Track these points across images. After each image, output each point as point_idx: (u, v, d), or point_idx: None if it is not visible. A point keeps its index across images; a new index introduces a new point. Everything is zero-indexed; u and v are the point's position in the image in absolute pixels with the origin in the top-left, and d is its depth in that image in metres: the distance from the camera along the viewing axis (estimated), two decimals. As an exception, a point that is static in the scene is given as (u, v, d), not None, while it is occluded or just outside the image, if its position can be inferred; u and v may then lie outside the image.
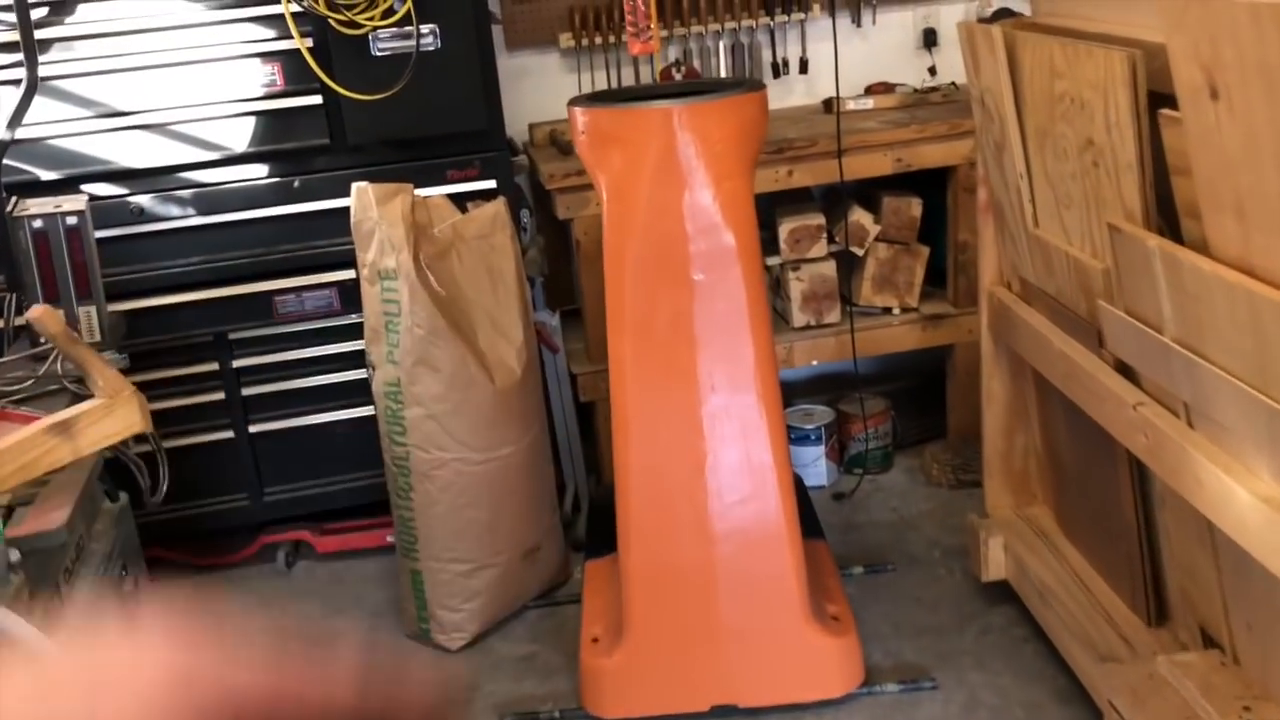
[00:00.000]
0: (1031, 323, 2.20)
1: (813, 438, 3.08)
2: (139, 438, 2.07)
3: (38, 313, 1.70)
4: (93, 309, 2.19)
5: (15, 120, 2.14)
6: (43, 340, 2.14)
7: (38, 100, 2.27)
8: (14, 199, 2.19)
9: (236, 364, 2.76)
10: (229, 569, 2.94)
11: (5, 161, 2.21)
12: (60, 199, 2.19)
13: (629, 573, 2.18)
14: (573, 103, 2.09)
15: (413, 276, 2.33)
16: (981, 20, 3.05)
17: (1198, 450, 1.62)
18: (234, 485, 2.86)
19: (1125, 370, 1.88)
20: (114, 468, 1.96)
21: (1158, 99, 1.67)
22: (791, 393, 3.39)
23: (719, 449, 2.10)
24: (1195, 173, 1.53)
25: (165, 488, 2.16)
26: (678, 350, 2.06)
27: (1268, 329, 1.40)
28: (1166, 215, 1.72)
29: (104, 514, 1.84)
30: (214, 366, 2.75)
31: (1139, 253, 1.68)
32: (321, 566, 2.94)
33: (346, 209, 2.42)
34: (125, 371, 2.15)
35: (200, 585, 2.89)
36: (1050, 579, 2.29)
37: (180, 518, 2.83)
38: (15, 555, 1.37)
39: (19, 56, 2.20)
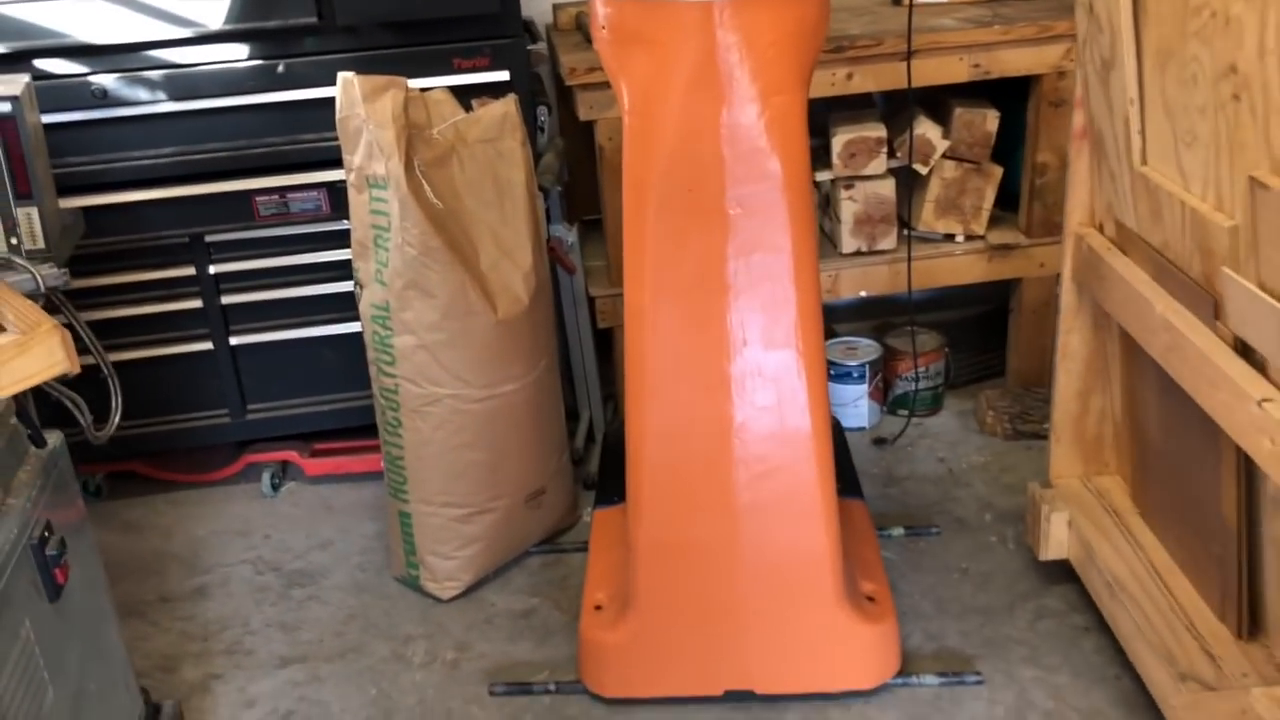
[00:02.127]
0: (1127, 277, 1.85)
1: (855, 375, 2.77)
2: (88, 371, 1.81)
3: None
4: (34, 210, 1.90)
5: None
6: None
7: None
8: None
9: (214, 270, 2.47)
10: (209, 487, 2.71)
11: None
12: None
13: (639, 543, 1.91)
14: (595, -13, 1.73)
15: (404, 186, 2.01)
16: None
17: (1343, 471, 1.30)
18: (214, 400, 2.61)
19: (1247, 353, 1.55)
20: (44, 406, 1.70)
21: (1333, 20, 1.30)
22: (834, 320, 3.07)
23: (749, 412, 1.80)
24: (1390, 126, 1.17)
25: (115, 422, 1.90)
26: (707, 296, 1.74)
27: None
28: (1326, 170, 1.37)
29: (27, 465, 1.58)
30: (190, 271, 2.46)
31: (1291, 218, 1.33)
32: (309, 490, 2.70)
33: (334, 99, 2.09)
34: (72, 287, 1.87)
35: (176, 504, 2.66)
36: (1121, 569, 1.99)
37: (157, 433, 2.60)
38: None
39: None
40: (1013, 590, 2.23)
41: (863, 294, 2.71)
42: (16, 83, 1.89)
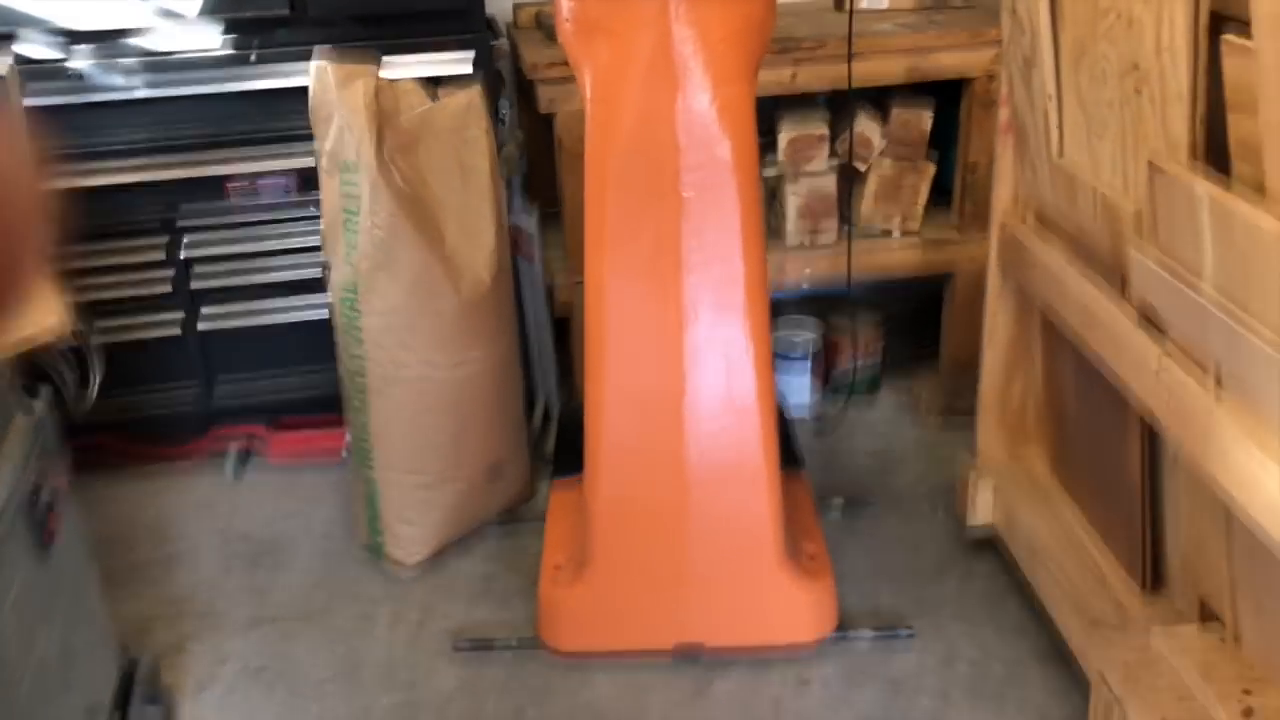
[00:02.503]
0: (1046, 259, 2.02)
1: (798, 359, 2.92)
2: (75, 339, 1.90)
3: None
4: (18, 187, 1.98)
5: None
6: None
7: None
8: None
9: (185, 253, 2.56)
10: (175, 461, 2.78)
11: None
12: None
13: (595, 503, 2.04)
14: (558, -17, 1.86)
15: (374, 170, 2.12)
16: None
17: (1227, 419, 1.47)
18: (182, 379, 2.69)
19: (1149, 323, 1.71)
20: (33, 370, 1.78)
21: (1218, 23, 1.47)
22: (779, 309, 3.21)
23: (700, 380, 1.93)
24: (1262, 112, 1.34)
25: (96, 388, 1.99)
26: (661, 272, 1.88)
27: (1330, 299, 1.23)
28: (1214, 155, 1.54)
29: (18, 423, 1.67)
30: (160, 255, 2.55)
31: (1180, 195, 1.50)
32: (272, 471, 2.79)
33: (307, 88, 2.20)
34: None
35: (143, 479, 2.74)
36: (1042, 532, 2.16)
37: (125, 412, 2.67)
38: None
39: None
40: (943, 556, 2.38)
41: (805, 283, 2.86)
42: (2, 64, 1.97)
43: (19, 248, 0.33)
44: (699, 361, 1.92)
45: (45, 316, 1.58)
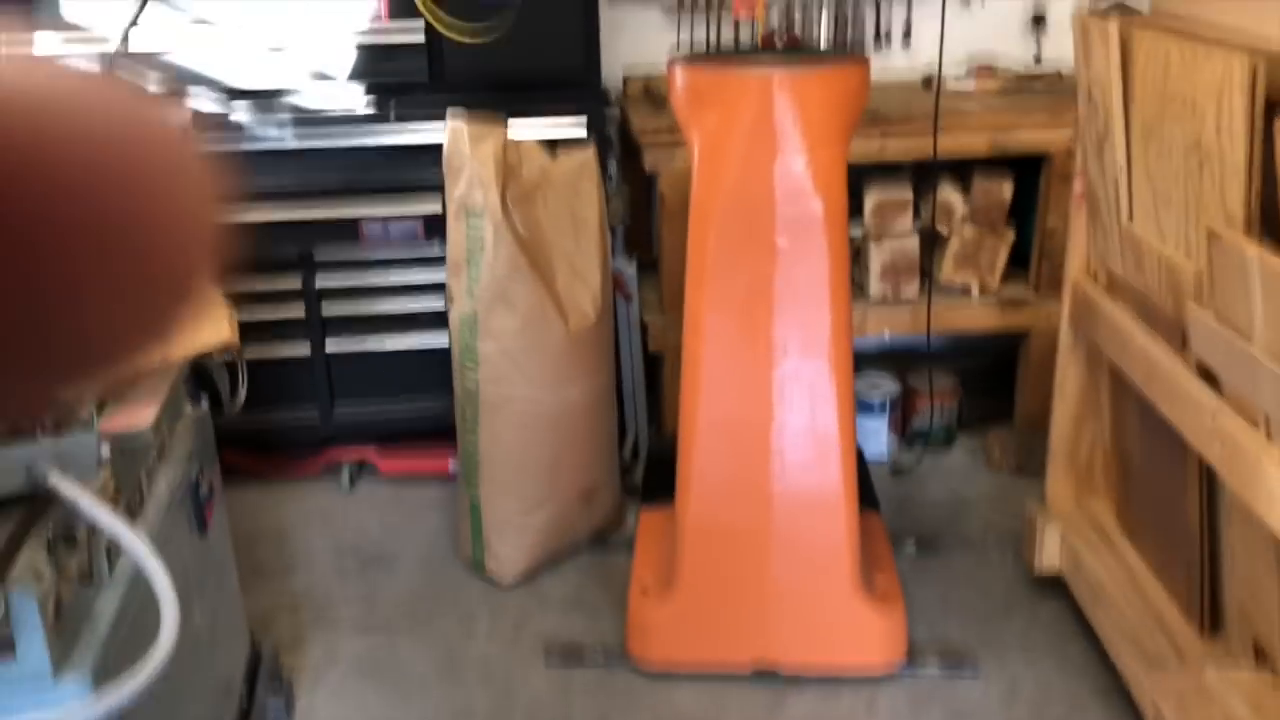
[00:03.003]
0: (1114, 317, 2.17)
1: (877, 409, 3.08)
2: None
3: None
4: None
5: (127, 31, 2.19)
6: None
7: (153, 13, 2.31)
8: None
9: (319, 284, 2.82)
10: (295, 481, 3.02)
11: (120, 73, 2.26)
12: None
13: (685, 526, 2.21)
14: (672, 61, 2.09)
15: (498, 215, 2.35)
16: (1094, 12, 2.99)
17: (1275, 464, 1.60)
18: (306, 400, 2.93)
19: (1207, 377, 1.85)
20: (197, 375, 2.03)
21: (1272, 108, 1.63)
22: (860, 363, 3.38)
23: (786, 413, 2.11)
24: (1305, 185, 1.49)
25: (243, 397, 2.23)
26: (755, 312, 2.07)
27: (1362, 352, 1.37)
28: (1269, 225, 1.69)
29: (185, 419, 1.91)
30: (297, 285, 2.81)
31: (1235, 261, 1.65)
32: (383, 487, 3.02)
33: (439, 143, 2.45)
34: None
35: (265, 490, 2.98)
36: (1105, 576, 2.28)
37: (252, 427, 2.91)
38: (106, 450, 1.43)
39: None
40: (1010, 598, 2.51)
41: (886, 334, 3.03)
42: (185, 108, 2.25)
43: (200, 257, 0.39)
44: (785, 396, 2.10)
45: (218, 329, 1.82)
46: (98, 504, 1.31)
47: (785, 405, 2.11)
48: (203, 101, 2.59)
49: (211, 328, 1.81)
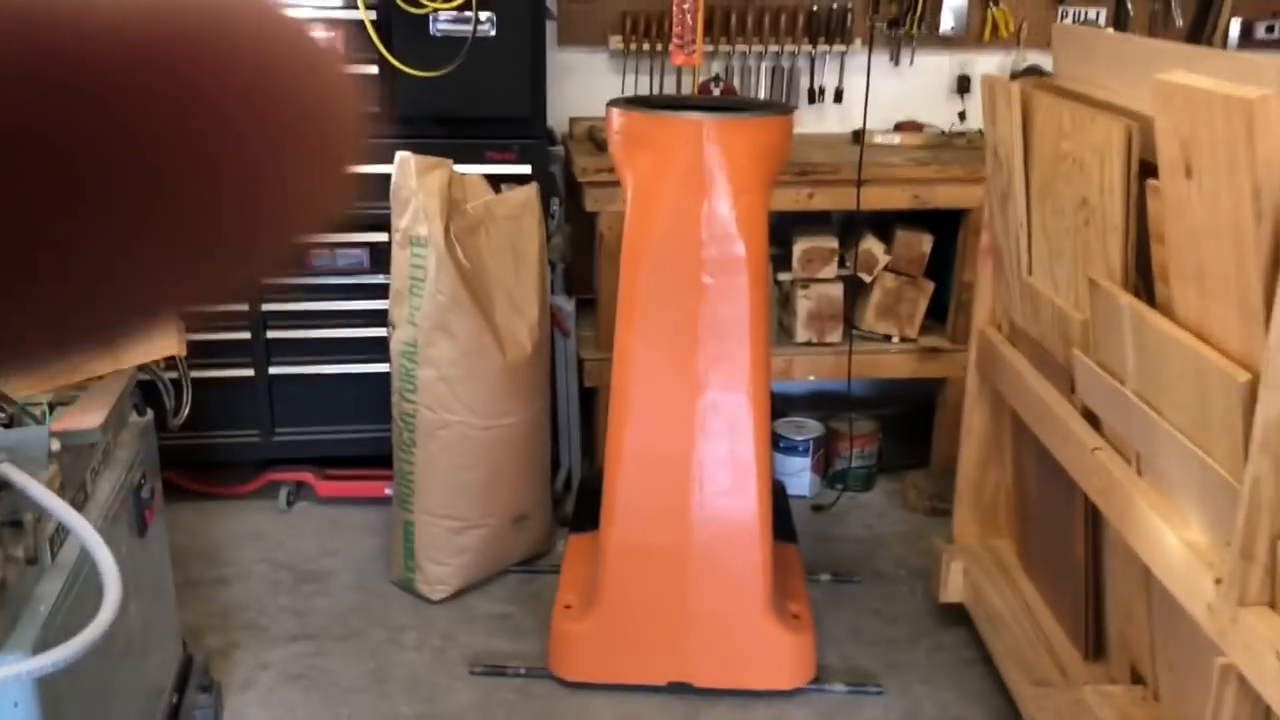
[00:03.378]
0: (1014, 363, 2.33)
1: (800, 449, 3.22)
2: (169, 364, 2.23)
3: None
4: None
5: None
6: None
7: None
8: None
9: (265, 307, 2.91)
10: (233, 499, 3.09)
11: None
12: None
13: (607, 547, 2.32)
14: (611, 104, 2.23)
15: (441, 246, 2.47)
16: (1014, 74, 3.19)
17: (1141, 496, 1.75)
18: (248, 422, 3.01)
19: (1091, 417, 2.01)
20: (143, 387, 2.11)
21: (1149, 169, 1.80)
22: (787, 406, 3.53)
23: (706, 442, 2.24)
24: (1167, 241, 1.66)
25: (186, 412, 2.31)
26: (680, 345, 2.20)
27: (1211, 392, 1.53)
28: (1145, 277, 1.86)
29: (131, 426, 1.99)
30: (243, 307, 2.90)
31: (1112, 308, 1.81)
32: (319, 509, 3.09)
33: (387, 175, 2.57)
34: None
35: (200, 508, 3.04)
36: (1002, 606, 2.42)
37: (194, 445, 2.98)
38: (56, 445, 1.51)
39: None
40: (916, 628, 2.64)
41: (811, 378, 3.17)
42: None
43: (352, 141, 0.38)
44: (707, 426, 2.23)
45: (167, 341, 1.91)
46: (46, 491, 1.40)
47: (706, 435, 2.24)
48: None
49: (161, 340, 1.90)
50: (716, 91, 3.24)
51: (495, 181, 2.70)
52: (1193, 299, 1.61)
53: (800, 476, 3.23)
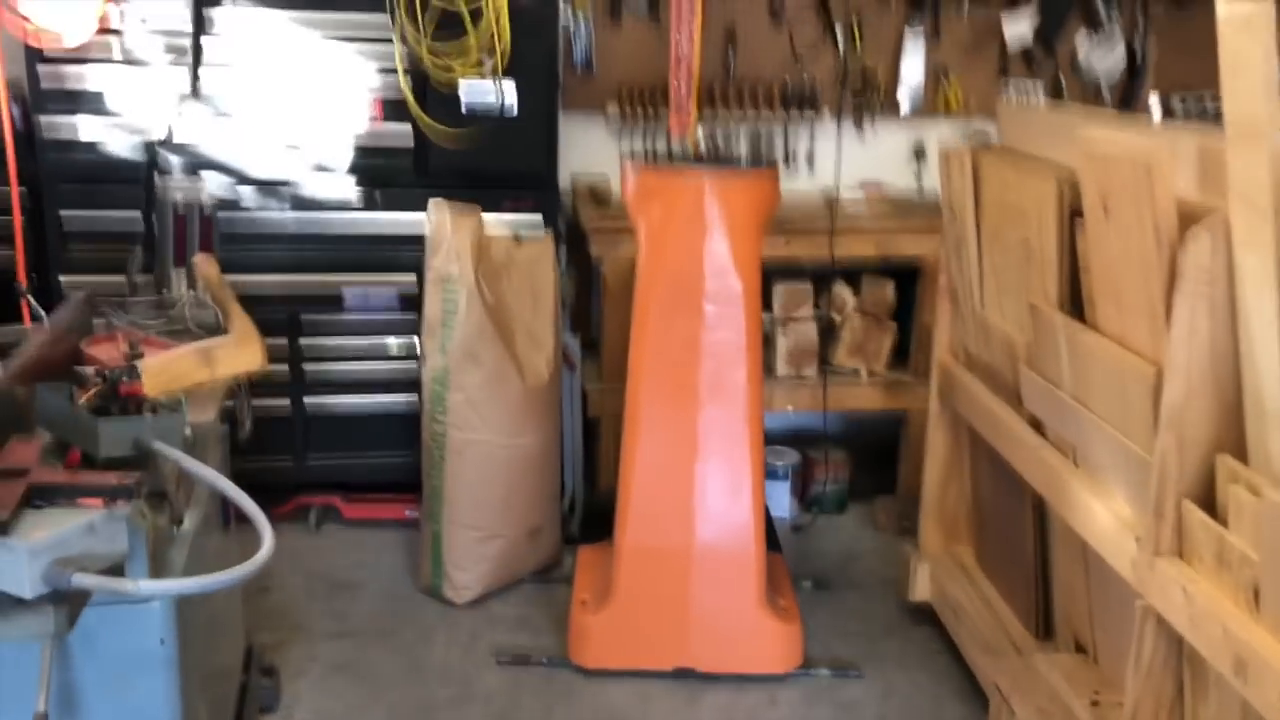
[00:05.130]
0: (970, 386, 2.70)
1: (780, 475, 3.57)
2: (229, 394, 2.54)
3: (201, 258, 2.18)
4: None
5: (176, 120, 2.63)
6: (164, 290, 2.61)
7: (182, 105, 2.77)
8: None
9: (303, 342, 3.23)
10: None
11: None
12: (200, 181, 2.68)
13: (621, 548, 2.65)
14: (626, 163, 2.61)
15: (472, 284, 2.82)
16: (963, 140, 3.62)
17: (1077, 481, 2.12)
18: (282, 448, 3.31)
19: (1036, 424, 2.38)
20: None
21: (1077, 212, 2.20)
22: (768, 437, 3.87)
23: (708, 452, 2.58)
24: (1092, 269, 2.05)
25: (250, 427, 2.63)
26: (685, 366, 2.55)
27: (1129, 387, 1.91)
28: (1076, 302, 2.24)
29: (215, 432, 2.30)
30: (283, 341, 3.21)
31: (1049, 328, 2.19)
32: (346, 530, 3.38)
33: (419, 222, 2.93)
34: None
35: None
36: (964, 600, 2.76)
37: (233, 470, 3.27)
38: (189, 431, 1.83)
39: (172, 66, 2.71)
40: (888, 626, 2.97)
41: (790, 410, 3.53)
42: (211, 190, 2.69)
43: None
44: (709, 436, 2.57)
45: (254, 355, 2.24)
46: (197, 463, 1.72)
47: (708, 445, 2.58)
48: (217, 185, 3.03)
49: (248, 354, 2.22)
50: (707, 152, 3.64)
51: (514, 230, 3.06)
52: (1113, 315, 1.99)
53: (780, 500, 3.58)
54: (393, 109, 3.06)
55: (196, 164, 3.02)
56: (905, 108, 3.79)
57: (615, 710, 2.58)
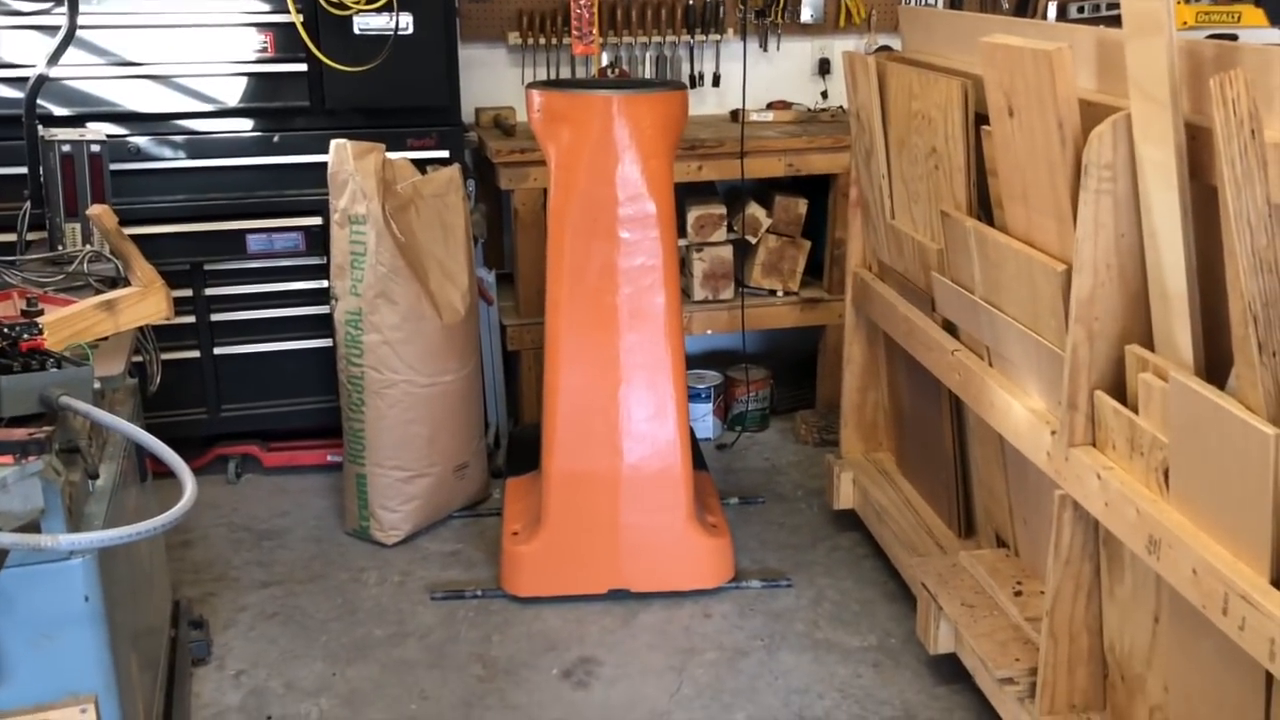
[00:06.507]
0: (884, 295, 2.74)
1: (703, 396, 3.59)
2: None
3: (98, 210, 2.09)
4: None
5: (54, 60, 2.50)
6: (61, 246, 2.51)
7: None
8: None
9: (208, 292, 3.14)
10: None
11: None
12: (84, 130, 2.56)
13: (549, 476, 2.65)
14: (531, 86, 2.56)
15: (380, 222, 2.76)
16: (866, 53, 3.63)
17: (992, 380, 2.17)
18: (195, 400, 3.23)
19: (950, 327, 2.43)
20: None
21: (982, 119, 2.22)
22: (689, 360, 3.89)
23: (631, 376, 2.59)
24: (999, 172, 2.08)
25: (159, 379, 2.56)
26: (603, 293, 2.54)
27: (1039, 285, 1.95)
28: (984, 206, 2.28)
29: (125, 385, 2.23)
30: (188, 293, 3.12)
31: (960, 232, 2.23)
32: (266, 479, 3.33)
33: (318, 163, 2.85)
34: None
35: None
36: (886, 503, 2.83)
37: (145, 424, 3.18)
38: (97, 384, 1.77)
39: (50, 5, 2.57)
40: (815, 534, 3.04)
41: (709, 332, 3.55)
42: (100, 133, 2.58)
43: None
44: (630, 361, 2.58)
45: (157, 308, 2.17)
46: (109, 415, 1.66)
47: (630, 370, 2.59)
48: (103, 126, 2.91)
49: (154, 302, 2.15)
50: (612, 76, 3.59)
51: (418, 165, 3.00)
52: (1021, 216, 2.03)
53: (704, 420, 3.61)
54: (285, 44, 2.95)
55: (82, 111, 2.89)
56: (807, 18, 3.78)
57: (552, 635, 2.60)
